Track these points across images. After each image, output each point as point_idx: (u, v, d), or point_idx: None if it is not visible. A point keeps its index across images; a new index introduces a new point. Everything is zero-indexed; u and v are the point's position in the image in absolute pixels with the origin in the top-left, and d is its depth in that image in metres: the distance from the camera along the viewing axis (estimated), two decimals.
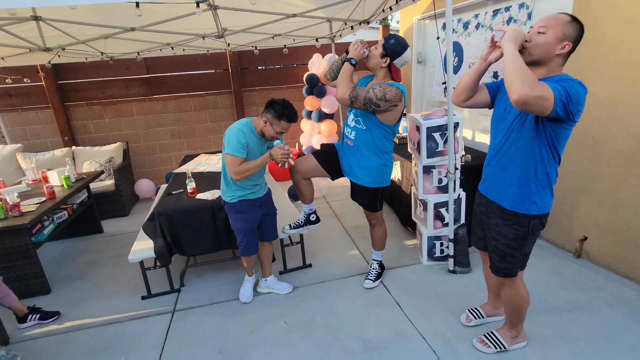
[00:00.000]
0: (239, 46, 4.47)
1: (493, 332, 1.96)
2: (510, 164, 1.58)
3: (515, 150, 1.55)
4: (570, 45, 1.40)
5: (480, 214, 1.81)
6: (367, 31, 8.84)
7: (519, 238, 1.62)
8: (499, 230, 1.67)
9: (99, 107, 4.77)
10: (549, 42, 1.40)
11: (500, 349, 1.90)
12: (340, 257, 3.01)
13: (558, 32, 1.39)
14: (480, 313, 2.14)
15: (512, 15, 3.16)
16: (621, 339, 1.94)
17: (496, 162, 1.65)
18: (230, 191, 2.25)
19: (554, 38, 1.39)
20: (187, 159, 3.88)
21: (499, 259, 1.71)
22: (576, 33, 1.40)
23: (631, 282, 2.39)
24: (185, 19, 3.00)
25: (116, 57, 4.14)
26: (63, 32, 3.06)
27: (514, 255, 1.66)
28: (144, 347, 2.15)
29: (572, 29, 1.39)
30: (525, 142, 1.51)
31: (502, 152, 1.61)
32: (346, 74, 2.13)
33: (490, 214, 1.70)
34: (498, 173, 1.64)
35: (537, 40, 1.42)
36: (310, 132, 5.01)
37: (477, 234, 1.91)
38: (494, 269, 1.75)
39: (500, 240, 1.67)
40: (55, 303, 2.63)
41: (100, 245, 3.56)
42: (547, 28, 1.40)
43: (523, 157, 1.53)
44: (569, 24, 1.39)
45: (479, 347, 1.94)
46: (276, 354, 2.03)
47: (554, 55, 1.41)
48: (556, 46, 1.40)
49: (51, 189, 2.93)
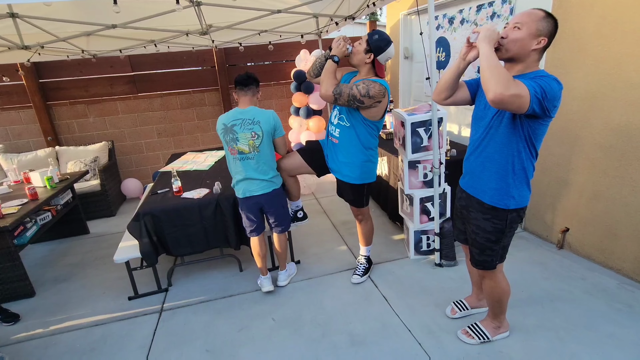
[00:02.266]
0: (224, 43, 4.41)
1: (476, 324, 2.00)
2: (489, 159, 1.61)
3: (494, 146, 1.57)
4: (546, 40, 1.42)
5: (461, 208, 1.84)
6: (355, 27, 8.81)
7: (497, 232, 1.66)
8: (478, 224, 1.70)
9: (82, 106, 4.68)
10: (524, 38, 1.42)
11: (483, 340, 1.94)
12: (328, 253, 3.03)
13: (533, 28, 1.41)
14: (464, 305, 2.18)
15: (496, 11, 3.19)
16: (600, 327, 1.99)
17: (475, 157, 1.67)
18: (277, 177, 2.36)
19: (529, 34, 1.41)
20: (173, 157, 3.84)
21: (478, 252, 1.74)
22: (550, 28, 1.42)
23: (610, 272, 2.46)
24: (168, 16, 2.95)
25: (99, 55, 4.06)
26: (42, 30, 2.98)
27: (492, 249, 1.70)
28: (131, 348, 2.14)
29: (547, 24, 1.41)
30: (503, 138, 1.53)
31: (481, 147, 1.63)
32: (329, 72, 2.13)
33: (470, 208, 1.74)
34: (477, 168, 1.67)
35: (512, 37, 1.44)
36: (299, 129, 4.99)
37: (458, 228, 1.95)
38: (474, 262, 1.79)
39: (479, 234, 1.70)
40: (40, 306, 2.60)
41: (86, 246, 3.51)
42: (522, 24, 1.42)
43: (501, 153, 1.56)
44: (543, 19, 1.41)
45: (463, 339, 1.98)
46: (264, 351, 2.04)
47: (530, 50, 1.44)
48: (532, 42, 1.42)
49: (33, 190, 2.88)
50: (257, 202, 2.34)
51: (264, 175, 2.28)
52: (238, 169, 2.29)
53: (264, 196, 2.32)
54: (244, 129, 2.19)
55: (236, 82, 2.24)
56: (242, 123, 2.20)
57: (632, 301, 2.17)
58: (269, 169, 2.30)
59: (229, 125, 2.21)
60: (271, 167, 2.31)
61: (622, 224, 2.36)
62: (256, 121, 2.19)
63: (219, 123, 2.25)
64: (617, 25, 2.20)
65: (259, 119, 2.20)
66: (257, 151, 2.23)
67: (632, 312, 2.08)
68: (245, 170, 2.26)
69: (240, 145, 2.22)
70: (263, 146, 2.23)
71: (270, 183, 2.32)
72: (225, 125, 2.22)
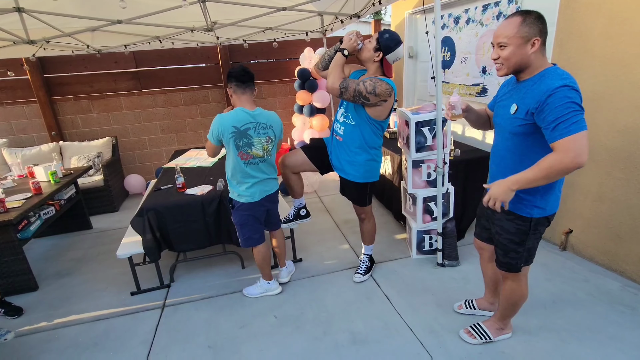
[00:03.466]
0: (229, 40, 4.42)
1: (479, 324, 1.99)
2: (510, 169, 1.54)
3: (516, 156, 1.53)
4: (539, 39, 1.38)
5: (487, 208, 1.73)
6: (359, 25, 8.80)
7: (520, 233, 1.59)
8: (501, 225, 1.65)
9: (86, 101, 4.69)
10: (515, 52, 1.40)
11: (485, 340, 1.93)
12: (330, 252, 3.03)
13: (518, 39, 1.38)
14: (472, 304, 2.18)
15: (502, 10, 3.17)
16: (603, 329, 1.99)
17: (497, 163, 1.65)
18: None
19: (518, 45, 1.39)
20: (177, 154, 3.85)
21: (502, 253, 1.68)
22: (536, 26, 1.37)
23: (614, 274, 2.45)
24: (174, 12, 2.95)
25: (103, 51, 4.07)
26: (48, 25, 2.99)
27: (516, 251, 1.63)
28: (133, 343, 2.15)
29: (530, 25, 1.36)
30: (526, 149, 1.49)
31: (502, 154, 1.60)
32: (338, 64, 2.13)
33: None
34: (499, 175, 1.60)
35: (504, 55, 1.42)
36: (302, 127, 4.99)
37: (482, 225, 1.90)
38: (498, 263, 1.73)
39: (502, 235, 1.65)
40: (43, 300, 2.61)
41: (89, 241, 3.52)
42: (506, 41, 1.40)
43: (523, 163, 1.49)
44: (523, 24, 1.37)
45: (464, 338, 1.97)
46: (266, 348, 2.04)
47: (529, 56, 1.40)
48: (525, 48, 1.39)
49: (37, 184, 2.89)
50: (270, 200, 2.32)
51: (273, 173, 2.31)
52: (251, 174, 2.16)
53: (274, 194, 2.36)
54: (258, 133, 2.09)
55: (233, 78, 2.05)
56: (255, 127, 2.08)
57: (635, 304, 2.16)
58: (274, 168, 2.33)
59: (242, 129, 2.05)
60: (274, 166, 2.33)
61: (626, 226, 2.35)
62: (269, 125, 2.14)
63: (227, 125, 2.03)
64: (625, 26, 2.18)
65: (271, 123, 2.15)
66: (269, 155, 2.21)
67: (634, 314, 2.08)
68: (259, 173, 2.19)
69: (255, 150, 2.12)
70: (274, 149, 2.25)
71: (277, 181, 2.37)
72: (237, 129, 2.04)
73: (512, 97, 1.52)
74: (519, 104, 1.45)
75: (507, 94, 1.57)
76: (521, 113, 1.44)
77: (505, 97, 1.59)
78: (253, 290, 2.50)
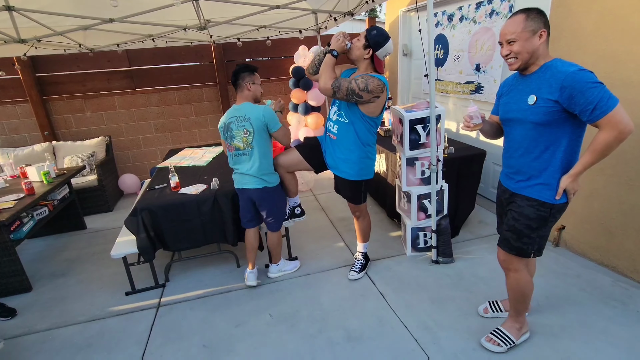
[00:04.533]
0: (222, 38, 4.40)
1: (500, 329, 1.92)
2: (536, 158, 1.60)
3: (540, 145, 1.58)
4: (545, 31, 1.47)
5: (506, 201, 1.80)
6: (354, 23, 8.78)
7: (540, 219, 1.63)
8: (520, 211, 1.66)
9: (79, 100, 4.65)
10: (525, 45, 1.49)
11: (510, 345, 1.87)
12: (325, 250, 3.03)
13: (526, 33, 1.47)
14: (499, 307, 2.13)
15: (495, 8, 3.18)
16: (594, 323, 2.01)
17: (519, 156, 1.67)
18: (273, 174, 2.39)
19: (526, 39, 1.48)
20: (171, 153, 3.83)
21: (515, 237, 1.69)
22: (540, 20, 1.47)
23: (605, 269, 2.48)
24: (166, 10, 2.93)
25: (96, 49, 4.04)
26: (39, 23, 2.96)
27: (530, 236, 1.66)
28: (127, 343, 2.15)
29: (534, 19, 1.46)
30: (550, 136, 1.55)
31: (525, 146, 1.63)
32: (328, 65, 2.13)
33: (516, 197, 1.71)
34: (524, 167, 1.66)
35: (515, 50, 1.50)
36: (297, 125, 4.98)
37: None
38: (508, 246, 1.72)
39: (520, 220, 1.66)
40: (36, 301, 2.60)
41: (83, 241, 3.51)
42: (514, 37, 1.49)
43: (548, 150, 1.57)
44: (527, 19, 1.47)
45: (488, 347, 1.89)
46: (261, 347, 2.04)
47: (538, 47, 1.49)
48: (534, 41, 1.48)
49: (30, 185, 2.87)
50: (250, 196, 2.39)
51: (256, 172, 2.30)
52: (234, 163, 2.38)
53: (255, 191, 2.35)
54: (237, 126, 2.26)
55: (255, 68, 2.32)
56: (236, 120, 2.26)
57: (626, 299, 2.18)
58: (262, 166, 2.30)
59: (227, 123, 2.29)
60: (264, 164, 2.31)
61: (617, 222, 2.37)
62: (247, 118, 2.23)
63: (221, 122, 2.34)
64: (616, 24, 2.20)
65: (249, 116, 2.23)
66: (250, 147, 2.27)
67: (625, 309, 2.10)
68: (239, 165, 2.35)
69: (236, 142, 2.29)
70: (255, 142, 2.26)
71: (261, 180, 2.33)
72: (225, 124, 2.30)
73: (524, 91, 1.58)
74: (537, 94, 1.51)
75: (516, 90, 1.63)
76: (542, 102, 1.50)
77: (514, 92, 1.64)
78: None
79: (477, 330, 2.03)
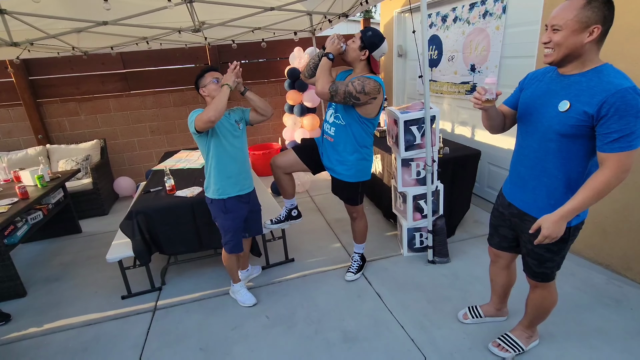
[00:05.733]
0: (217, 40, 4.39)
1: (508, 335, 1.88)
2: (547, 174, 1.44)
3: (554, 162, 1.40)
4: (600, 28, 1.22)
5: (510, 216, 1.64)
6: (349, 24, 8.80)
7: (560, 242, 1.45)
8: (536, 235, 1.46)
9: (74, 103, 4.63)
10: (568, 37, 1.24)
11: (519, 352, 1.83)
12: (322, 251, 3.04)
13: (575, 23, 1.22)
14: (479, 312, 2.09)
15: (488, 9, 3.21)
16: (589, 321, 2.03)
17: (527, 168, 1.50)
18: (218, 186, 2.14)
19: (572, 30, 1.23)
20: (166, 155, 3.82)
21: (537, 263, 1.57)
22: (600, 13, 1.21)
23: (599, 267, 2.50)
24: (160, 12, 2.92)
25: (90, 52, 4.02)
26: (31, 26, 2.94)
27: (553, 259, 1.54)
28: (124, 347, 2.13)
29: (593, 10, 1.21)
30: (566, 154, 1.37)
31: (536, 159, 1.45)
32: (325, 69, 2.13)
33: (526, 217, 1.55)
34: (530, 182, 1.50)
35: (555, 40, 1.27)
36: (293, 127, 4.99)
37: (503, 235, 1.75)
38: (531, 273, 1.62)
39: (539, 245, 1.48)
40: (31, 306, 2.58)
41: (79, 245, 3.48)
42: (561, 24, 1.25)
43: (562, 169, 1.39)
44: (585, 7, 1.21)
45: (496, 352, 1.85)
46: (258, 349, 2.04)
47: (583, 44, 1.25)
48: (581, 36, 1.23)
49: (24, 189, 2.84)
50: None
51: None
52: None
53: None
54: None
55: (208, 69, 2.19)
56: None
57: (619, 296, 2.21)
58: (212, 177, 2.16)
59: None
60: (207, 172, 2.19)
61: (611, 220, 2.39)
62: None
63: None
64: None
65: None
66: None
67: (619, 307, 2.12)
68: None
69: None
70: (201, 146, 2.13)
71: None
72: None
73: (557, 93, 1.36)
74: (573, 102, 1.29)
75: (547, 89, 1.41)
76: (576, 112, 1.28)
77: (543, 91, 1.42)
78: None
79: (473, 330, 2.04)
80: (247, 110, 2.28)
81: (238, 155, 2.17)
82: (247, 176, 2.27)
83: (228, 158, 2.13)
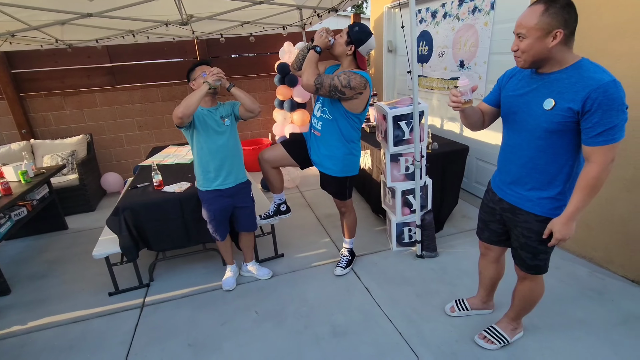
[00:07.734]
0: (205, 34, 4.33)
1: (494, 327, 1.90)
2: (537, 169, 1.46)
3: (544, 157, 1.42)
4: (562, 31, 1.24)
5: (502, 211, 1.65)
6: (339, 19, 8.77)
7: (552, 234, 1.48)
8: (530, 227, 1.53)
9: (58, 97, 4.52)
10: (533, 44, 1.28)
11: (503, 344, 1.86)
12: (312, 246, 3.04)
13: (537, 31, 1.26)
14: (465, 305, 2.12)
15: (477, 5, 3.22)
16: (571, 313, 2.08)
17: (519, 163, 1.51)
18: (199, 178, 2.29)
19: (536, 38, 1.27)
20: (154, 151, 3.77)
21: (531, 256, 1.58)
22: (561, 17, 1.23)
23: (583, 260, 2.55)
24: (147, 5, 2.86)
25: (75, 45, 3.92)
26: (12, 17, 2.86)
27: (546, 252, 1.56)
28: (111, 344, 2.11)
29: (552, 16, 1.24)
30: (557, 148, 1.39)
31: (526, 154, 1.46)
32: (311, 61, 2.13)
33: (518, 211, 1.56)
34: (523, 177, 1.51)
35: (522, 48, 1.31)
36: (283, 122, 4.97)
37: (493, 230, 1.77)
38: (525, 266, 1.63)
39: (531, 237, 1.54)
40: (16, 303, 2.53)
41: (65, 242, 3.43)
42: (525, 32, 1.29)
43: (554, 163, 1.42)
44: (544, 14, 1.24)
45: (481, 344, 1.88)
46: (247, 344, 2.04)
47: (550, 49, 1.28)
48: (545, 41, 1.27)
49: (7, 185, 2.78)
50: None
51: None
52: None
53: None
54: None
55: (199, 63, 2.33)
56: None
57: (601, 288, 2.26)
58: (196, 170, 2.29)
59: None
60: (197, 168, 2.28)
61: (595, 214, 2.44)
62: None
63: None
64: (600, 21, 2.25)
65: None
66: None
67: (601, 298, 2.18)
68: None
69: None
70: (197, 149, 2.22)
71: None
72: None
73: (540, 91, 1.38)
74: (557, 100, 1.31)
75: (529, 88, 1.42)
76: (561, 109, 1.31)
77: (525, 90, 1.44)
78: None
79: (460, 323, 2.07)
80: (237, 105, 2.27)
81: (218, 152, 2.21)
82: (231, 171, 2.28)
83: (206, 154, 2.20)
